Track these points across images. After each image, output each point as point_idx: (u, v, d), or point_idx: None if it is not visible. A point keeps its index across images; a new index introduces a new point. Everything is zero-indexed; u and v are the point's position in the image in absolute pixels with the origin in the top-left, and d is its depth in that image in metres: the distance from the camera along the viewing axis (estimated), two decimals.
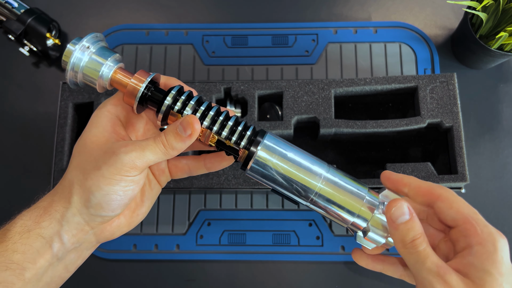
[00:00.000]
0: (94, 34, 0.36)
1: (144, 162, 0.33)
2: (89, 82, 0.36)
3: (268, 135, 0.34)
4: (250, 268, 0.60)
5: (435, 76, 0.57)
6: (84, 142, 0.35)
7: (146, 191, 0.39)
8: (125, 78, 0.35)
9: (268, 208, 0.61)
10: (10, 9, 0.62)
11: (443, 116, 0.55)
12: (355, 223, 0.34)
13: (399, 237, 0.31)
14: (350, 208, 0.34)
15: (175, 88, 0.35)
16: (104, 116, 0.36)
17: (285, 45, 0.67)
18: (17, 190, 0.63)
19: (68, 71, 0.35)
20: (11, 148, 0.65)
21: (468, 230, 0.31)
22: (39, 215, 0.33)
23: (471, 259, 0.30)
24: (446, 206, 0.32)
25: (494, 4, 0.55)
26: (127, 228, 0.38)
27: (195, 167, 0.39)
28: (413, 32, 0.67)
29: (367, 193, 0.35)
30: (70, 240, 0.33)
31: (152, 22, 0.69)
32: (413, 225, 0.31)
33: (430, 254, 0.30)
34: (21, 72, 0.68)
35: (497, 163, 0.62)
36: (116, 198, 0.33)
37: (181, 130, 0.33)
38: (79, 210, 0.33)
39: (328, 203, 0.34)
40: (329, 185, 0.34)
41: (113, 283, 0.60)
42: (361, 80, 0.57)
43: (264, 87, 0.58)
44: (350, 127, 0.56)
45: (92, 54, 0.35)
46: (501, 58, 0.60)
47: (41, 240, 0.32)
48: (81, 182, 0.33)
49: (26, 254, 0.32)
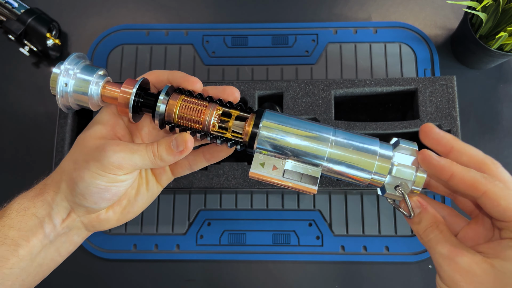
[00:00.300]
0: (75, 55, 0.35)
1: (131, 165, 0.34)
2: (81, 103, 0.36)
3: (267, 113, 0.34)
4: (250, 268, 0.60)
5: (434, 78, 0.57)
6: (84, 136, 0.36)
7: (141, 192, 0.39)
8: (114, 92, 0.35)
9: (268, 208, 0.61)
10: (10, 9, 0.62)
11: (441, 120, 0.56)
12: (373, 180, 0.33)
13: (414, 230, 0.33)
14: (365, 167, 0.33)
15: (164, 89, 0.34)
16: (107, 113, 0.37)
17: (285, 45, 0.67)
18: (17, 190, 0.63)
19: (58, 97, 0.35)
20: (11, 148, 0.65)
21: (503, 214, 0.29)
22: (35, 195, 0.36)
23: (506, 250, 0.29)
24: (493, 204, 0.29)
25: (494, 4, 0.55)
26: (116, 223, 0.39)
27: (195, 161, 0.39)
28: (413, 32, 0.67)
29: (379, 146, 0.33)
30: (59, 223, 0.35)
31: (152, 22, 0.69)
32: (424, 217, 0.32)
33: (441, 240, 0.31)
34: (21, 72, 0.68)
35: None
36: (97, 191, 0.34)
37: (174, 146, 0.34)
38: (66, 196, 0.35)
39: (342, 166, 0.33)
40: (338, 148, 0.33)
41: (113, 283, 0.60)
42: (361, 81, 0.57)
43: (264, 87, 0.58)
44: (350, 128, 0.56)
45: (77, 74, 0.34)
46: (501, 58, 0.60)
47: (34, 219, 0.34)
48: (70, 171, 0.35)
49: (21, 231, 0.34)
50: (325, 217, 0.61)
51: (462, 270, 0.29)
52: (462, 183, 0.30)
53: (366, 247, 0.59)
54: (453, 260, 0.29)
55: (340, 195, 0.61)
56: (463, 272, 0.29)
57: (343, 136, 0.33)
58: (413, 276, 0.59)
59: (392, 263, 0.59)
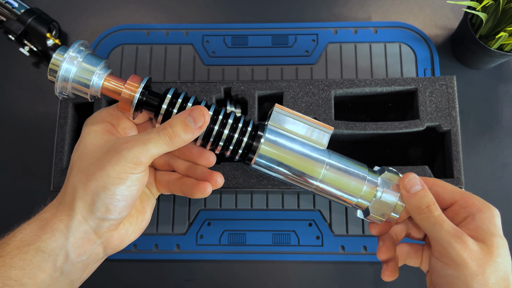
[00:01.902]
0: (80, 43, 0.34)
1: (148, 156, 0.32)
2: (79, 92, 0.35)
3: (268, 129, 0.36)
4: (250, 268, 0.60)
5: (434, 78, 0.57)
6: (84, 147, 0.34)
7: (145, 199, 0.38)
8: (118, 86, 0.34)
9: (268, 208, 0.61)
10: (10, 9, 0.62)
11: (441, 120, 0.56)
12: (358, 203, 0.37)
13: (414, 204, 0.35)
14: (353, 192, 0.36)
15: (170, 91, 0.34)
16: (98, 121, 0.36)
17: (285, 45, 0.67)
18: (17, 190, 0.63)
19: (58, 83, 0.33)
20: (11, 148, 0.65)
21: (466, 202, 0.35)
22: (40, 228, 0.31)
23: (477, 224, 0.33)
24: (442, 189, 0.36)
25: (494, 4, 0.55)
26: (134, 235, 0.37)
27: (173, 187, 0.39)
28: (413, 32, 0.67)
29: (368, 174, 0.37)
30: (76, 252, 0.32)
31: (152, 22, 0.69)
32: (427, 193, 0.35)
33: (446, 218, 0.33)
34: (21, 72, 0.68)
35: (496, 163, 0.63)
36: (122, 198, 0.32)
37: (190, 121, 0.32)
38: (84, 216, 0.32)
39: (332, 188, 0.36)
40: (332, 171, 0.36)
41: (113, 283, 0.60)
42: (361, 81, 0.57)
43: (264, 87, 0.58)
44: (350, 128, 0.56)
45: (81, 63, 0.34)
46: (501, 58, 0.60)
47: (41, 254, 0.30)
48: (84, 185, 0.31)
49: (25, 269, 0.30)
50: (325, 217, 0.61)
51: (469, 248, 0.31)
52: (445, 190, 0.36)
53: (366, 247, 0.59)
54: (461, 239, 0.32)
55: None
56: (470, 251, 0.31)
57: (337, 160, 0.37)
58: (413, 276, 0.59)
59: None
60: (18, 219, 0.62)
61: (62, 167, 0.57)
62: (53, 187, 0.56)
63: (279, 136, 0.36)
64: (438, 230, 0.33)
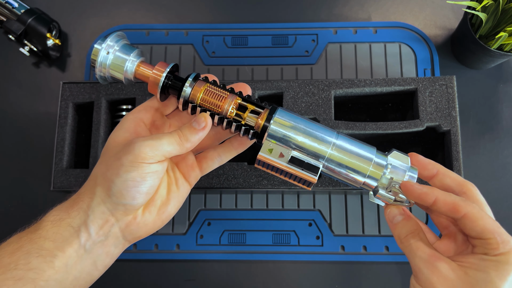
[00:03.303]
0: (117, 33, 0.40)
1: (160, 151, 0.36)
2: (116, 76, 0.40)
3: (279, 110, 0.38)
4: (250, 268, 0.60)
5: (434, 78, 0.57)
6: (108, 143, 0.38)
7: (172, 190, 0.40)
8: (147, 71, 0.39)
9: (268, 208, 0.61)
10: (11, 9, 0.62)
11: (441, 120, 0.56)
12: (366, 183, 0.37)
13: (396, 234, 0.36)
14: (360, 170, 0.37)
15: (192, 75, 0.38)
16: (130, 119, 0.39)
17: (285, 45, 0.67)
18: (17, 190, 0.63)
19: (97, 68, 0.39)
20: (11, 148, 0.65)
21: (490, 244, 0.32)
22: (70, 206, 0.36)
23: (480, 262, 0.32)
24: (472, 225, 0.33)
25: (494, 4, 0.55)
26: (153, 226, 0.39)
27: (224, 151, 0.42)
28: (413, 32, 0.67)
29: (375, 154, 0.37)
30: (96, 230, 0.35)
31: (152, 22, 0.69)
32: (406, 224, 0.36)
33: (421, 246, 0.34)
34: (21, 72, 0.68)
35: (496, 163, 0.63)
36: (134, 184, 0.35)
37: (195, 124, 0.37)
38: (102, 199, 0.36)
39: (339, 166, 0.37)
40: (338, 150, 0.37)
41: (113, 283, 0.60)
42: (361, 81, 0.57)
43: (264, 87, 0.58)
44: (350, 128, 0.56)
45: (116, 52, 0.39)
46: (501, 58, 0.60)
47: (70, 229, 0.35)
48: (103, 173, 0.36)
49: (56, 242, 0.34)
50: (325, 217, 0.61)
51: (440, 274, 0.32)
52: (444, 207, 0.34)
53: (366, 247, 0.60)
54: (432, 264, 0.32)
55: (340, 195, 0.62)
56: (440, 276, 0.32)
57: (344, 141, 0.37)
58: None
59: (392, 263, 0.59)
60: (18, 219, 0.62)
61: (62, 167, 0.57)
62: (53, 187, 0.56)
63: (290, 115, 0.38)
64: (412, 257, 0.34)
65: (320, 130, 0.37)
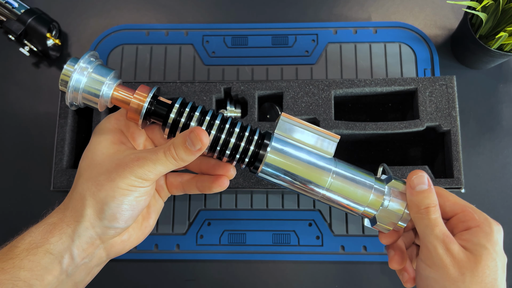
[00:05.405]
0: (90, 54, 0.35)
1: (156, 174, 0.34)
2: (89, 102, 0.35)
3: (275, 138, 0.36)
4: (250, 268, 0.60)
5: (434, 78, 0.57)
6: (93, 155, 0.35)
7: (152, 204, 0.40)
8: (127, 96, 0.35)
9: (268, 208, 0.61)
10: (10, 9, 0.62)
11: (441, 120, 0.56)
12: (365, 212, 0.37)
13: (415, 202, 0.35)
14: (360, 200, 0.36)
15: (178, 100, 0.35)
16: (108, 130, 0.36)
17: (285, 45, 0.67)
18: (17, 190, 0.63)
19: (68, 93, 0.34)
20: (11, 148, 0.65)
21: (466, 216, 0.35)
22: (48, 231, 0.33)
23: (470, 237, 0.33)
24: (444, 200, 0.36)
25: (494, 4, 0.55)
26: (137, 241, 0.38)
27: (188, 187, 0.40)
28: (413, 32, 0.67)
29: (375, 183, 0.36)
30: (80, 255, 0.33)
31: (152, 22, 0.69)
32: (430, 195, 0.35)
33: (440, 223, 0.34)
34: (21, 72, 0.68)
35: (496, 163, 0.63)
36: (129, 208, 0.34)
37: (190, 144, 0.33)
38: (92, 223, 0.33)
39: (339, 196, 0.36)
40: (338, 180, 0.36)
41: (113, 283, 0.60)
42: (361, 81, 0.57)
43: (264, 87, 0.58)
44: (350, 128, 0.56)
45: (91, 74, 0.34)
46: (501, 58, 0.60)
47: (49, 256, 0.32)
48: (94, 194, 0.33)
49: (34, 271, 0.31)
50: (325, 217, 0.61)
51: (453, 255, 0.32)
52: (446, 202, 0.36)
53: (366, 247, 0.60)
54: (447, 244, 0.33)
55: None
56: (453, 257, 0.32)
57: (343, 169, 0.36)
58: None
59: None
60: (18, 219, 0.62)
61: (62, 167, 0.57)
62: (53, 187, 0.56)
63: (286, 144, 0.36)
64: (429, 233, 0.34)
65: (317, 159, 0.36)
